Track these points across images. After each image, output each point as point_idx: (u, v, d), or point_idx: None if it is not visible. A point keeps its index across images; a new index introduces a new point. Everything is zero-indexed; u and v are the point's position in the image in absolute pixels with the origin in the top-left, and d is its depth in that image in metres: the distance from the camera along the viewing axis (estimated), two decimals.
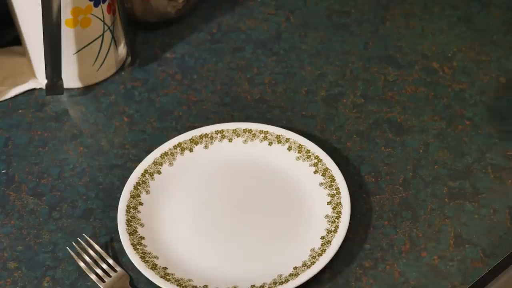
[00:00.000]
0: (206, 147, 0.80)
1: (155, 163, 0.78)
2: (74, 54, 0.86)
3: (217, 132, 0.81)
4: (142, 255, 0.70)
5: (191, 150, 0.80)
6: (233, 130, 0.81)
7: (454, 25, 0.96)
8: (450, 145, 0.81)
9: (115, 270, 0.70)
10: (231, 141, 0.80)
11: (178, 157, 0.79)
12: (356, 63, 0.91)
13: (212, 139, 0.80)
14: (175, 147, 0.79)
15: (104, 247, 0.73)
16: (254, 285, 0.68)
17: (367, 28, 0.95)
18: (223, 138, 0.80)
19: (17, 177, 0.80)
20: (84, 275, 0.70)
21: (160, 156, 0.78)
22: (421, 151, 0.80)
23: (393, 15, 0.97)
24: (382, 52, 0.92)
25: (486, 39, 0.94)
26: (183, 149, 0.79)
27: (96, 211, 0.76)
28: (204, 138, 0.80)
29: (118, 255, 0.72)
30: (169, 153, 0.79)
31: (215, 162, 0.79)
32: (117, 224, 0.72)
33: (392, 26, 0.96)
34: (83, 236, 0.73)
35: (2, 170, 0.81)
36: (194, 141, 0.80)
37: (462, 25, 0.96)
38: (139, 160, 0.78)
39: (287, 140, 0.79)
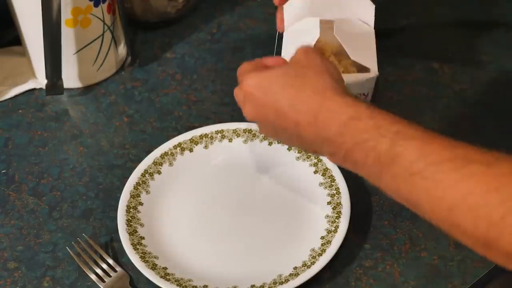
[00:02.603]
0: (206, 147, 0.80)
1: (155, 163, 0.78)
2: (74, 54, 0.86)
3: (217, 132, 0.81)
4: (142, 255, 0.70)
5: (191, 150, 0.80)
6: (233, 130, 0.81)
7: (454, 25, 0.96)
8: None
9: (115, 270, 0.70)
10: (231, 141, 0.80)
11: (178, 157, 0.79)
12: None
13: (212, 139, 0.80)
14: (175, 147, 0.79)
15: (104, 247, 0.73)
16: (254, 285, 0.68)
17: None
18: (223, 138, 0.80)
19: (17, 177, 0.80)
20: (84, 275, 0.70)
21: (160, 156, 0.78)
22: None
23: (394, 15, 0.97)
24: (382, 52, 0.92)
25: (486, 39, 0.94)
26: (183, 149, 0.79)
27: (96, 211, 0.76)
28: (204, 138, 0.80)
29: (118, 255, 0.72)
30: (169, 153, 0.79)
31: (215, 162, 0.79)
32: (117, 224, 0.72)
33: (393, 26, 0.96)
34: (83, 236, 0.73)
35: (2, 170, 0.81)
36: (194, 141, 0.80)
37: (462, 25, 0.96)
38: (139, 160, 0.78)
39: None
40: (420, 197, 0.55)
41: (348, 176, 0.77)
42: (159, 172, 0.78)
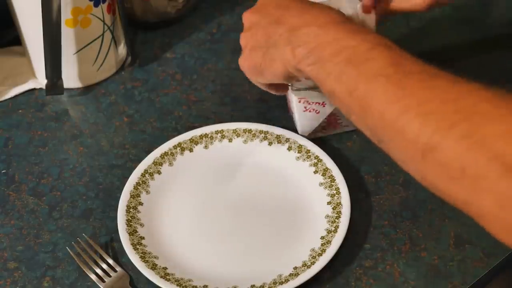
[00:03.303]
0: (206, 147, 0.80)
1: (155, 163, 0.78)
2: (74, 54, 0.86)
3: (217, 132, 0.81)
4: (142, 255, 0.70)
5: (191, 150, 0.80)
6: (233, 130, 0.81)
7: (454, 25, 0.96)
8: None
9: (115, 270, 0.70)
10: (231, 141, 0.80)
11: (178, 157, 0.79)
12: None
13: (212, 139, 0.80)
14: (175, 147, 0.79)
15: (104, 247, 0.73)
16: (254, 285, 0.68)
17: None
18: (223, 138, 0.80)
19: (17, 177, 0.80)
20: (84, 275, 0.70)
21: (160, 156, 0.78)
22: None
23: (393, 16, 0.97)
24: None
25: (486, 39, 0.94)
26: (183, 149, 0.79)
27: (96, 211, 0.76)
28: (204, 138, 0.80)
29: (118, 255, 0.72)
30: (169, 153, 0.79)
31: (215, 162, 0.79)
32: (117, 224, 0.72)
33: (392, 26, 0.96)
34: (83, 236, 0.73)
35: (2, 170, 0.81)
36: (194, 141, 0.80)
37: (462, 25, 0.96)
38: (139, 160, 0.78)
39: (287, 140, 0.79)
40: (375, 99, 0.55)
41: (348, 176, 0.77)
42: (159, 172, 0.78)
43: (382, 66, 0.56)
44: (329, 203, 0.74)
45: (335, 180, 0.75)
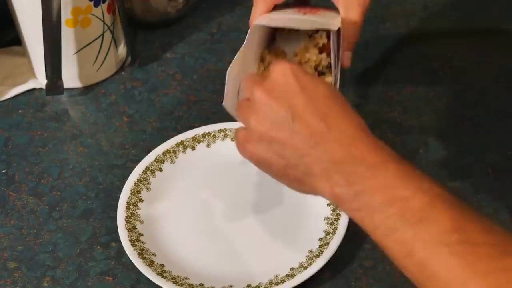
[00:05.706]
0: (208, 145, 0.80)
1: (156, 160, 0.78)
2: (74, 54, 0.86)
3: (219, 131, 0.81)
4: (140, 251, 0.70)
5: (193, 148, 0.80)
6: (236, 129, 0.80)
7: (454, 25, 0.96)
8: (450, 145, 0.81)
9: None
10: (233, 140, 0.80)
11: (180, 155, 0.79)
12: (356, 63, 0.91)
13: (215, 138, 0.80)
14: (177, 145, 0.79)
15: (105, 247, 0.73)
16: (250, 285, 0.68)
17: (367, 28, 0.95)
18: (226, 137, 0.80)
19: (17, 177, 0.80)
20: (84, 275, 0.70)
21: (162, 154, 0.78)
22: (421, 151, 0.80)
23: (393, 15, 0.97)
24: (382, 52, 0.92)
25: (486, 39, 0.94)
26: (185, 147, 0.79)
27: (96, 211, 0.76)
28: (206, 137, 0.80)
29: (118, 255, 0.72)
30: (171, 150, 0.79)
31: (217, 161, 0.79)
32: (117, 224, 0.72)
33: (392, 26, 0.96)
34: None
35: (2, 170, 0.81)
36: (196, 140, 0.80)
37: (462, 25, 0.96)
38: (139, 160, 0.78)
39: None
40: (438, 272, 0.49)
41: None
42: (160, 170, 0.78)
43: (443, 231, 0.49)
44: (328, 204, 0.73)
45: None
